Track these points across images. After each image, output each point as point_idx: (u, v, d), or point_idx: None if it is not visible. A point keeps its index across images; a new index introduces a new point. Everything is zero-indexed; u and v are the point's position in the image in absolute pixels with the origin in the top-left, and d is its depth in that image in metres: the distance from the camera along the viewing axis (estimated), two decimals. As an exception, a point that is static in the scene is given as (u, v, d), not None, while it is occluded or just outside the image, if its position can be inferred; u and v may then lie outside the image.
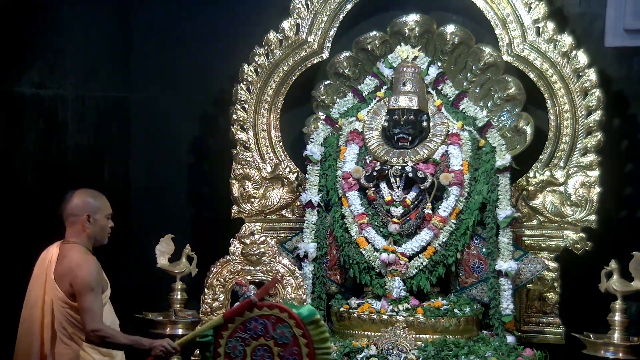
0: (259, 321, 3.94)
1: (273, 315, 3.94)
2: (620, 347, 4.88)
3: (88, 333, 3.94)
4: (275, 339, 3.91)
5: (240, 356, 3.93)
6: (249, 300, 4.01)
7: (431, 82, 5.54)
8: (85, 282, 3.97)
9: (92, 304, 3.96)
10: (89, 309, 3.94)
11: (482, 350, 4.83)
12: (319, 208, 5.44)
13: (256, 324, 3.94)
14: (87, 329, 3.93)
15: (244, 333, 3.93)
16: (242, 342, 3.93)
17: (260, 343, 3.92)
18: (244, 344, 3.92)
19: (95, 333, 3.93)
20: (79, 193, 4.19)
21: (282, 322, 3.93)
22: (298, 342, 3.90)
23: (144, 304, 5.57)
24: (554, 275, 5.47)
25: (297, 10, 5.76)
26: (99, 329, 3.93)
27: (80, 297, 3.97)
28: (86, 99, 5.95)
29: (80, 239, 4.13)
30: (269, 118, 5.85)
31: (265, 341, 3.91)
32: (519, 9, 5.48)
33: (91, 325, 3.92)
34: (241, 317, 3.97)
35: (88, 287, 3.97)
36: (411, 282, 5.13)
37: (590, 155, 5.45)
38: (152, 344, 4.00)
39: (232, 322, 3.97)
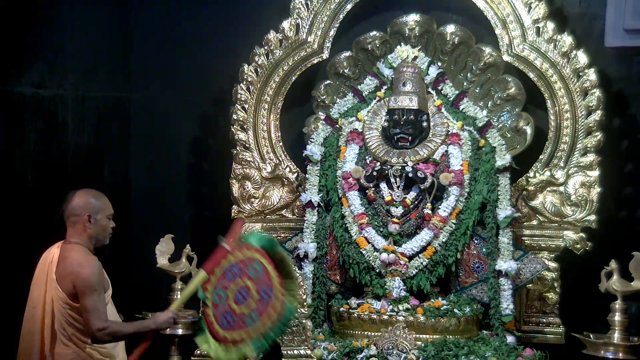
0: (235, 266, 4.03)
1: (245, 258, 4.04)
2: (620, 347, 4.88)
3: (94, 333, 3.93)
4: (250, 276, 4.01)
5: (225, 302, 4.01)
6: (222, 248, 4.08)
7: (431, 82, 5.54)
8: (88, 283, 3.97)
9: (96, 304, 3.96)
10: (94, 309, 3.94)
11: (482, 350, 4.83)
12: (319, 208, 5.44)
13: (233, 269, 4.02)
14: (94, 328, 3.92)
15: (225, 280, 4.02)
16: (224, 289, 4.02)
17: (238, 285, 4.01)
18: (225, 290, 4.01)
19: (103, 332, 3.93)
20: (80, 193, 4.18)
21: (253, 260, 4.04)
22: (268, 272, 3.99)
23: (144, 304, 5.57)
24: (554, 275, 5.47)
25: (297, 10, 5.76)
26: (106, 326, 3.94)
27: (83, 297, 3.97)
28: (86, 99, 5.95)
29: (81, 239, 4.13)
30: (269, 118, 5.85)
31: (242, 282, 4.01)
32: (519, 9, 5.49)
33: (98, 324, 3.92)
34: (219, 266, 4.05)
35: (91, 287, 3.97)
36: (411, 282, 5.13)
37: (590, 155, 5.46)
38: (156, 322, 4.04)
39: (213, 274, 4.05)
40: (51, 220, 4.28)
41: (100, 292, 4.02)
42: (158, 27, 6.26)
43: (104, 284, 4.10)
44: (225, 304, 4.00)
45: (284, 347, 4.72)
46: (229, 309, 3.99)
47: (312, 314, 5.20)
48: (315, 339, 4.97)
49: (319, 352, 4.80)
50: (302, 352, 4.73)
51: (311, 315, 5.17)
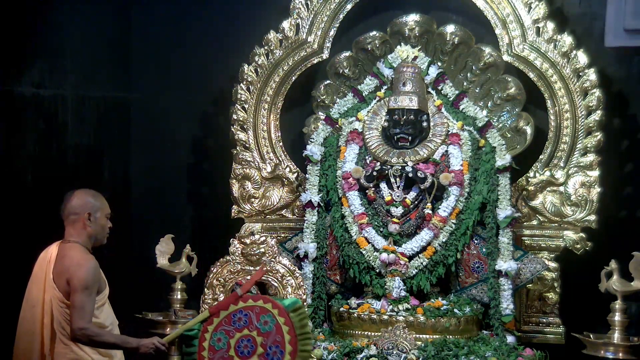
0: (243, 313, 4.01)
1: (257, 306, 4.02)
2: (620, 347, 4.88)
3: (74, 331, 3.95)
4: (259, 329, 3.98)
5: (224, 348, 3.98)
6: (235, 293, 4.06)
7: (431, 82, 5.54)
8: (81, 280, 3.98)
9: (84, 303, 3.97)
10: (80, 307, 3.96)
11: (482, 350, 4.83)
12: (319, 208, 5.44)
13: (241, 316, 4.01)
14: (74, 326, 3.94)
15: (229, 326, 4.00)
16: (227, 334, 3.99)
17: (243, 334, 3.98)
18: (228, 336, 3.99)
19: (82, 331, 3.94)
20: (79, 193, 4.21)
21: (265, 312, 4.01)
22: (281, 330, 3.96)
23: (144, 304, 5.57)
24: (554, 275, 5.47)
25: (297, 10, 5.76)
26: (86, 327, 3.95)
27: (73, 294, 3.98)
28: (86, 99, 5.95)
29: (80, 238, 4.14)
30: (269, 118, 5.85)
31: (248, 332, 3.98)
32: (519, 9, 5.49)
33: (79, 323, 3.94)
34: (226, 310, 4.02)
35: (83, 286, 3.98)
36: (411, 282, 5.13)
37: (590, 155, 5.46)
38: (139, 343, 4.06)
39: (217, 316, 4.03)
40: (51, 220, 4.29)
41: (93, 292, 4.03)
42: (158, 27, 6.26)
43: (99, 284, 4.10)
44: (225, 350, 3.97)
45: (284, 347, 4.72)
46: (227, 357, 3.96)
47: (312, 314, 5.20)
48: (315, 339, 4.97)
49: (319, 352, 4.80)
50: (302, 352, 4.73)
51: (311, 315, 5.17)
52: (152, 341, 4.06)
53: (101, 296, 4.14)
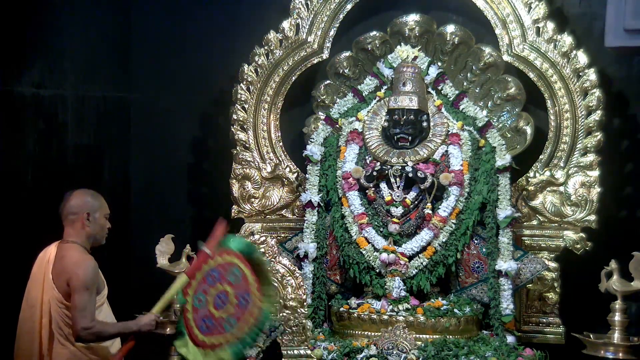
0: (215, 270, 4.07)
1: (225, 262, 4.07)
2: (620, 347, 4.87)
3: (79, 331, 3.95)
4: (229, 281, 4.06)
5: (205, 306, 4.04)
6: (204, 253, 4.12)
7: (431, 82, 5.54)
8: (81, 281, 3.99)
9: (86, 303, 3.97)
10: (82, 307, 3.96)
11: (482, 350, 4.83)
12: (319, 208, 5.44)
13: (213, 274, 4.08)
14: (79, 326, 3.94)
15: (205, 285, 4.07)
16: (204, 293, 4.07)
17: (218, 289, 4.05)
18: (205, 295, 4.06)
19: (88, 331, 3.95)
20: (77, 193, 4.22)
21: (232, 265, 4.08)
22: (246, 277, 4.02)
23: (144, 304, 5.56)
24: (554, 275, 5.47)
25: (297, 10, 5.76)
26: (92, 326, 3.96)
27: (74, 294, 3.98)
28: (86, 99, 5.95)
29: (79, 238, 4.15)
30: (269, 118, 5.85)
31: (222, 286, 4.05)
32: (519, 9, 5.49)
33: (83, 323, 3.94)
34: (200, 271, 4.08)
35: (83, 286, 3.98)
36: (411, 282, 5.13)
37: (590, 155, 5.46)
38: (139, 325, 4.10)
39: (194, 279, 4.09)
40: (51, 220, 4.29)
41: (93, 292, 4.03)
42: (158, 27, 6.26)
43: (98, 284, 4.11)
44: (205, 308, 4.04)
45: (284, 347, 4.72)
46: (208, 314, 4.03)
47: (312, 314, 5.20)
48: (315, 339, 4.97)
49: (319, 352, 4.81)
50: (302, 352, 4.73)
51: (311, 315, 5.18)
52: (150, 318, 4.12)
53: (100, 296, 4.15)
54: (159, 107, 6.29)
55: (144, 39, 6.29)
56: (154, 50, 6.28)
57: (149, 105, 6.32)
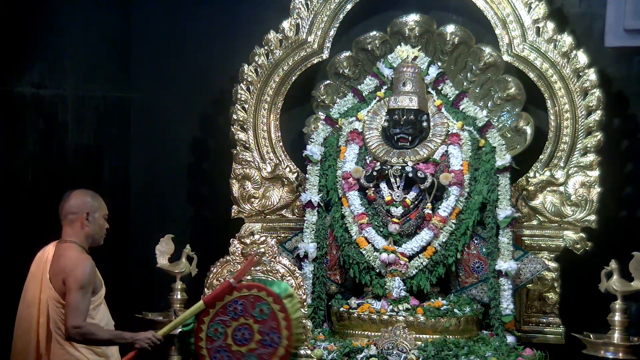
0: (238, 302, 4.05)
1: (251, 295, 4.04)
2: (620, 347, 4.88)
3: (69, 329, 3.95)
4: (255, 317, 4.02)
5: (221, 337, 4.01)
6: (228, 282, 4.10)
7: (431, 82, 5.54)
8: (77, 280, 3.99)
9: (79, 302, 3.97)
10: (75, 306, 3.96)
11: (482, 350, 4.83)
12: (319, 208, 5.44)
13: (236, 306, 4.05)
14: (69, 324, 3.94)
15: (225, 316, 4.04)
16: (223, 324, 4.02)
17: (240, 323, 4.02)
18: (224, 326, 4.02)
19: (76, 330, 3.95)
20: (77, 193, 4.23)
21: (260, 300, 4.06)
22: (276, 316, 4.01)
23: (144, 304, 5.57)
24: (554, 275, 5.47)
25: (297, 10, 5.76)
26: (81, 325, 3.95)
27: (69, 293, 3.98)
28: (86, 99, 5.95)
29: (77, 238, 4.15)
30: (269, 118, 5.85)
31: (245, 320, 4.02)
32: (519, 9, 5.48)
33: (74, 321, 3.94)
34: (221, 300, 4.06)
35: (78, 285, 3.98)
36: (411, 282, 5.13)
37: (590, 155, 5.46)
38: (134, 337, 4.06)
39: (212, 307, 4.06)
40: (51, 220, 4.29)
41: (88, 292, 4.03)
42: (158, 27, 6.26)
43: (95, 284, 4.11)
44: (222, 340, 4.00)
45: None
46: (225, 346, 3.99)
47: (312, 314, 5.20)
48: (315, 339, 4.97)
49: (319, 352, 4.80)
50: (302, 352, 4.72)
51: (311, 315, 5.17)
52: (147, 335, 4.06)
53: (97, 296, 4.15)
54: (159, 107, 6.29)
55: (144, 39, 6.29)
56: (154, 50, 6.27)
57: (149, 105, 6.31)
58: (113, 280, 4.30)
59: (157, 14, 6.27)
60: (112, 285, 4.30)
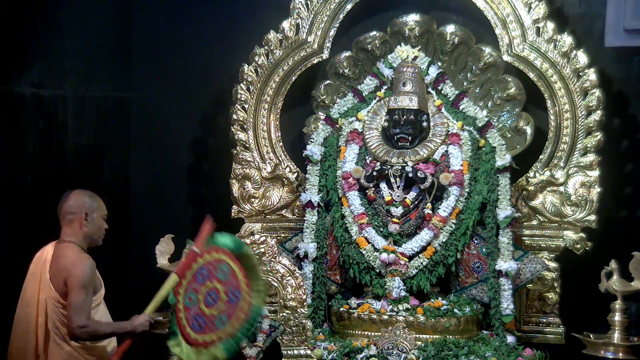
0: (204, 268, 4.11)
1: (213, 259, 4.10)
2: (620, 347, 4.88)
3: (74, 329, 3.96)
4: (218, 278, 4.06)
5: (195, 304, 4.05)
6: (193, 252, 4.12)
7: (431, 82, 5.54)
8: (78, 279, 4.00)
9: (82, 302, 3.98)
10: (79, 306, 3.97)
11: (482, 350, 4.83)
12: (319, 208, 5.44)
13: (202, 272, 4.11)
14: (74, 325, 3.95)
15: (195, 283, 4.10)
16: (195, 292, 4.08)
17: (208, 287, 4.07)
18: (196, 293, 4.08)
19: (83, 329, 3.96)
20: (75, 193, 4.24)
21: (220, 262, 4.09)
22: (234, 272, 4.05)
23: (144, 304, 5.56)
24: (554, 275, 5.47)
25: (297, 10, 5.76)
26: (86, 324, 3.97)
27: (70, 293, 3.99)
28: (86, 99, 5.95)
29: (76, 237, 4.16)
30: (269, 118, 5.85)
31: (211, 284, 4.06)
32: (519, 9, 5.49)
33: (79, 321, 3.95)
34: (190, 270, 4.09)
35: (80, 285, 3.99)
36: (411, 282, 5.13)
37: (590, 155, 5.46)
38: (133, 325, 4.10)
39: (184, 277, 4.09)
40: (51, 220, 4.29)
41: (89, 291, 4.04)
42: (158, 27, 6.26)
43: (95, 284, 4.11)
44: (196, 306, 4.05)
45: (283, 347, 4.72)
46: (200, 312, 4.04)
47: (312, 314, 5.20)
48: (315, 339, 4.97)
49: (319, 352, 4.81)
50: (302, 352, 4.73)
51: (311, 315, 5.17)
52: (144, 318, 4.12)
53: (97, 296, 4.15)
54: (159, 107, 6.29)
55: (144, 39, 6.29)
56: (154, 50, 6.27)
57: (149, 105, 6.31)
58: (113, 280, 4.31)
59: (157, 14, 6.27)
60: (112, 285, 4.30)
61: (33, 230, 5.13)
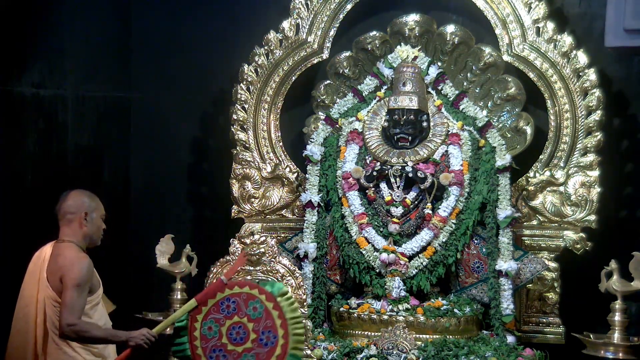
0: (230, 300, 4.05)
1: (244, 293, 4.05)
2: (620, 347, 4.88)
3: (63, 327, 3.95)
4: (249, 315, 4.02)
5: (216, 336, 4.01)
6: (220, 280, 4.09)
7: (431, 82, 5.54)
8: (74, 278, 3.99)
9: (75, 300, 3.97)
10: (70, 304, 3.96)
11: (482, 350, 4.83)
12: (319, 208, 5.44)
13: (228, 304, 4.05)
14: (63, 322, 3.94)
15: (218, 314, 4.03)
16: (217, 323, 4.02)
17: (234, 321, 4.02)
18: (218, 324, 4.02)
19: (71, 327, 3.94)
20: (74, 193, 4.24)
21: (253, 298, 4.05)
22: (270, 315, 4.01)
23: (144, 304, 5.57)
24: (554, 275, 5.47)
25: (297, 10, 5.76)
26: (75, 323, 3.95)
27: (65, 291, 3.98)
28: (86, 99, 5.95)
29: (75, 237, 4.16)
30: (269, 118, 5.85)
31: (239, 319, 4.02)
32: (519, 9, 5.49)
33: (68, 319, 3.94)
34: (213, 298, 4.06)
35: (75, 283, 3.98)
36: (411, 282, 5.13)
37: (590, 155, 5.46)
38: (129, 335, 4.04)
39: (205, 305, 4.06)
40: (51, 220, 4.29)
41: (84, 290, 4.03)
42: (158, 27, 6.26)
43: (92, 283, 4.11)
44: (217, 339, 4.00)
45: (284, 347, 4.72)
46: (221, 345, 3.98)
47: (312, 314, 5.20)
48: (315, 339, 4.97)
49: (319, 352, 4.80)
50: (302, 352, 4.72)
51: (311, 315, 5.17)
52: (141, 332, 4.05)
53: (94, 296, 4.15)
54: (159, 107, 6.29)
55: (144, 39, 6.29)
56: (154, 50, 6.27)
57: (149, 105, 6.31)
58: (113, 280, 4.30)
59: (157, 14, 6.27)
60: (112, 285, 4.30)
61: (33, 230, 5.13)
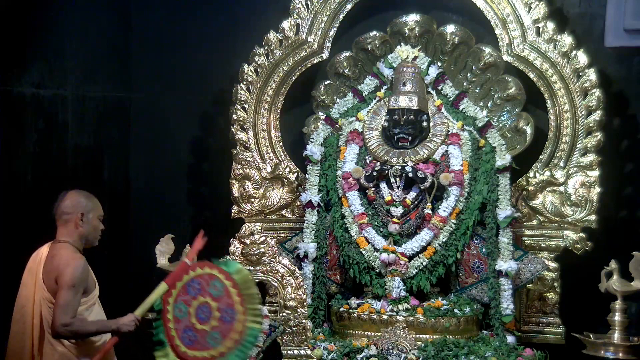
0: (195, 281, 4.11)
1: (205, 274, 4.11)
2: (620, 347, 4.88)
3: (57, 327, 3.94)
4: (211, 294, 4.07)
5: (186, 317, 4.06)
6: (184, 263, 4.14)
7: (431, 82, 5.54)
8: (68, 278, 3.98)
9: (69, 300, 3.96)
10: (64, 304, 3.95)
11: (482, 350, 4.83)
12: (319, 208, 5.44)
13: (194, 285, 4.11)
14: (58, 322, 3.93)
15: (185, 295, 4.10)
16: (185, 304, 4.09)
17: (200, 301, 4.08)
18: (187, 305, 4.09)
19: (66, 328, 3.94)
20: (72, 193, 4.23)
21: (213, 278, 4.10)
22: (229, 292, 4.04)
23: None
24: (554, 275, 5.47)
25: (297, 10, 5.76)
26: (70, 323, 3.95)
27: (59, 291, 3.98)
28: (86, 99, 5.95)
29: (71, 238, 4.15)
30: (269, 118, 5.85)
31: (203, 298, 4.08)
32: (519, 9, 5.49)
33: (63, 319, 3.93)
34: (180, 280, 4.10)
35: (69, 284, 3.98)
36: (411, 282, 5.13)
37: (590, 155, 5.46)
38: (118, 324, 4.05)
39: (174, 288, 4.10)
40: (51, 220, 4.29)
41: (78, 291, 4.02)
42: (158, 27, 6.26)
43: (87, 283, 4.10)
44: (187, 319, 4.05)
45: (283, 347, 4.72)
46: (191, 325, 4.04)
47: (312, 314, 5.20)
48: (315, 339, 4.97)
49: (319, 352, 4.81)
50: (302, 352, 4.73)
51: (311, 315, 5.17)
52: (130, 318, 4.07)
53: (90, 296, 4.14)
54: (159, 107, 6.29)
55: (144, 39, 6.28)
56: (154, 50, 6.27)
57: (149, 105, 6.31)
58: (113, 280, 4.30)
59: (157, 14, 6.27)
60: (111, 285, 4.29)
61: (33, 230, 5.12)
